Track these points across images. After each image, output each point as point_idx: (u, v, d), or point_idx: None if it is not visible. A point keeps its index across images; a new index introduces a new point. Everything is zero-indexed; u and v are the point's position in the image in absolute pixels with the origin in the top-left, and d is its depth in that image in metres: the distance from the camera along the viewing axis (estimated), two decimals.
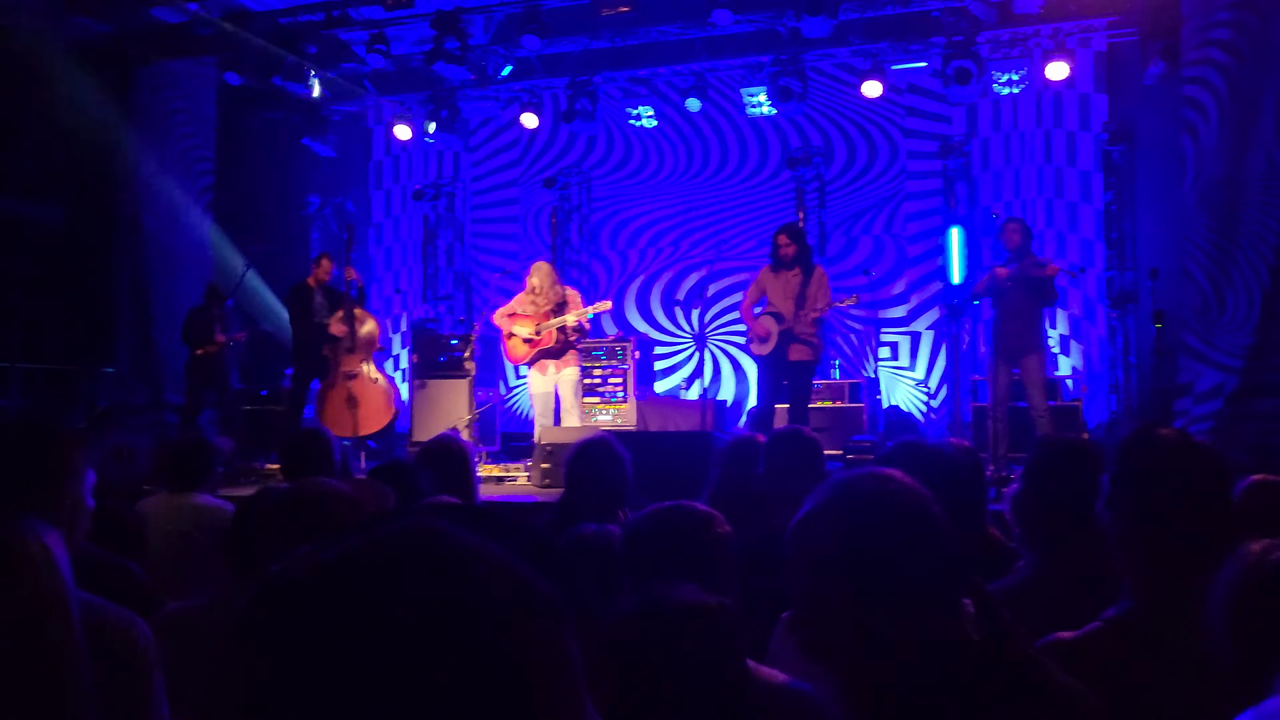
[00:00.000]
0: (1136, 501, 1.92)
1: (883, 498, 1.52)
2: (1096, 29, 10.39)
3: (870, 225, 11.49)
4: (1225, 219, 8.41)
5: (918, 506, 1.53)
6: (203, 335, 9.66)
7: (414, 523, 0.72)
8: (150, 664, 2.07)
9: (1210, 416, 8.32)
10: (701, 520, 2.28)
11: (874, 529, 1.48)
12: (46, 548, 1.47)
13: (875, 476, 1.56)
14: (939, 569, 1.49)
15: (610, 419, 10.19)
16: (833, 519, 1.53)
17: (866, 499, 1.53)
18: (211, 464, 4.55)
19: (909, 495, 1.54)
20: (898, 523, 1.49)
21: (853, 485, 1.56)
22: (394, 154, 13.42)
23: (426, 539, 0.70)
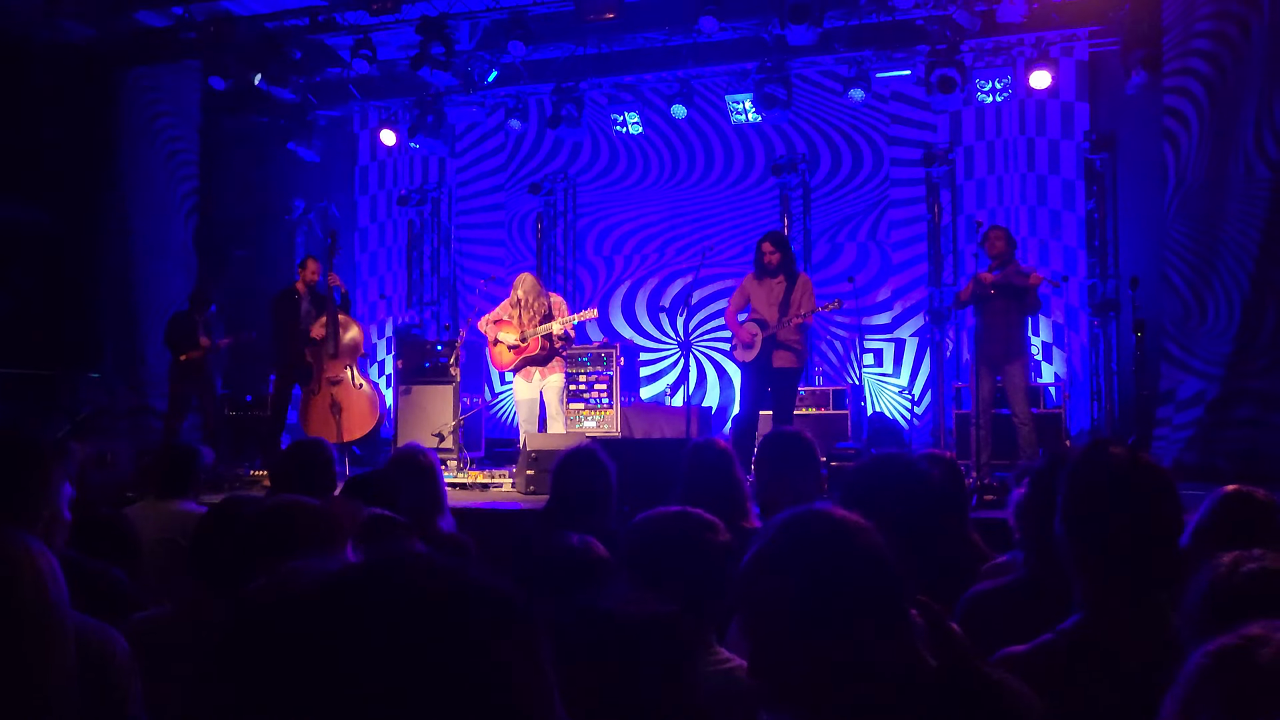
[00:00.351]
0: (1085, 517, 1.96)
1: (813, 535, 1.58)
2: (1079, 38, 10.46)
3: (855, 232, 11.54)
4: (1206, 227, 8.49)
5: (849, 537, 1.58)
6: (187, 340, 9.62)
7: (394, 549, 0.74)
8: (128, 676, 2.07)
9: (1192, 424, 8.40)
10: (705, 528, 2.32)
11: (816, 568, 1.54)
12: (48, 560, 1.48)
13: (805, 517, 1.61)
14: (883, 599, 1.54)
15: (595, 425, 10.22)
16: (775, 563, 1.58)
17: (797, 540, 1.58)
18: (197, 471, 4.55)
19: (840, 528, 1.59)
20: (831, 557, 1.55)
21: (792, 527, 1.61)
22: (379, 159, 13.41)
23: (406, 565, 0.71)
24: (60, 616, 1.48)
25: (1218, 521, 2.49)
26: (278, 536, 2.13)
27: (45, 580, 1.46)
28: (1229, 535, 2.20)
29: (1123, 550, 1.86)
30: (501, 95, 12.24)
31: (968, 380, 10.00)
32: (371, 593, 0.70)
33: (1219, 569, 1.57)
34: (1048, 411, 9.09)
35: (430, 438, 9.51)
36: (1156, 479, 1.97)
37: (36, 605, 1.44)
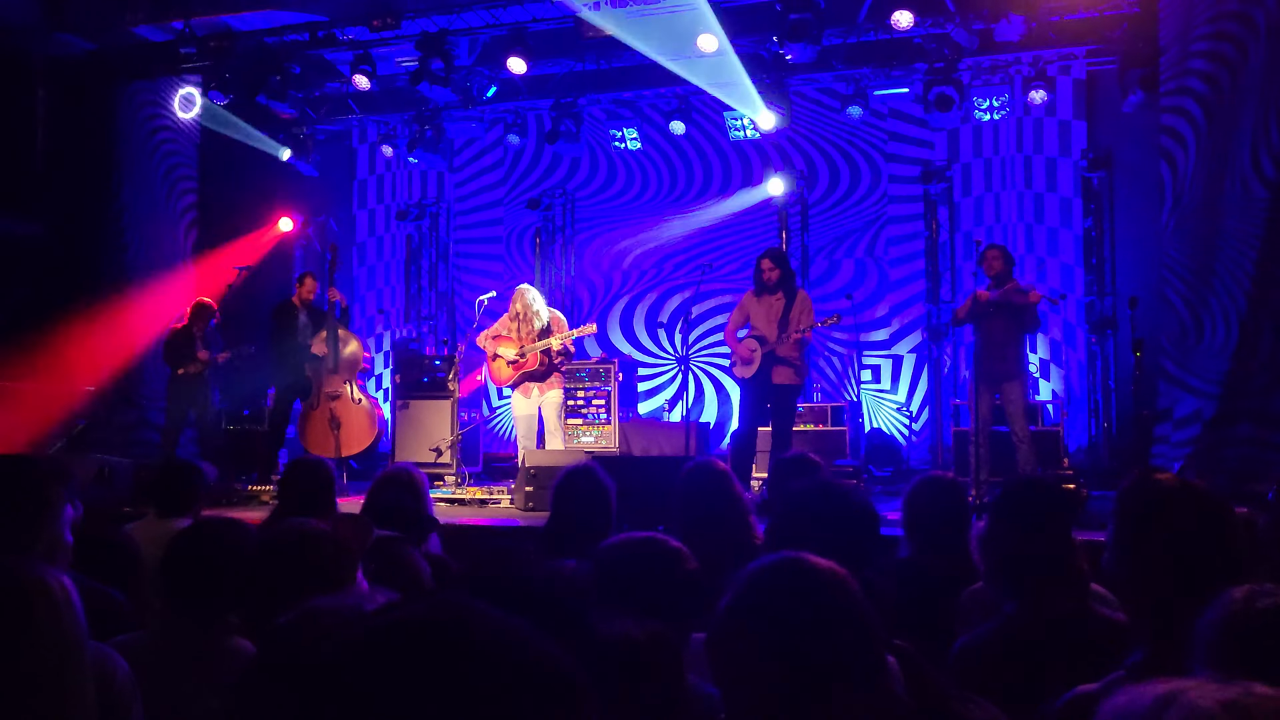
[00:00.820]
0: (1138, 549, 1.93)
1: (786, 587, 1.56)
2: (1077, 57, 10.51)
3: (853, 249, 11.57)
4: (1203, 246, 8.50)
5: (823, 587, 1.56)
6: (184, 354, 9.61)
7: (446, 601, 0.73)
8: (128, 701, 2.07)
9: (1189, 442, 8.40)
10: (671, 556, 2.30)
11: (791, 621, 1.52)
12: (66, 590, 1.49)
13: (777, 567, 1.59)
14: (854, 644, 1.53)
15: (593, 441, 10.21)
16: (749, 616, 1.56)
17: (770, 592, 1.56)
18: (198, 488, 4.54)
19: (813, 578, 1.57)
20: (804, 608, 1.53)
21: (756, 581, 1.58)
22: (378, 173, 13.43)
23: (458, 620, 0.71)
24: (80, 648, 1.48)
25: None
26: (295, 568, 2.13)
27: (63, 612, 1.46)
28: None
29: (1185, 583, 1.82)
30: (500, 110, 12.27)
31: (965, 397, 10.02)
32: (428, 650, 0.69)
33: (1233, 604, 1.55)
34: (1046, 429, 9.09)
35: (428, 452, 9.51)
36: (1210, 504, 1.94)
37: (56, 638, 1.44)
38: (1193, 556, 1.87)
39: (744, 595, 1.58)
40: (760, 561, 1.62)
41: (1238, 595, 1.55)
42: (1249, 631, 1.52)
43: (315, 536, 2.21)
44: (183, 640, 2.49)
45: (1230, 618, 1.54)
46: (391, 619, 0.72)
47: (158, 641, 2.45)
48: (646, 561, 2.26)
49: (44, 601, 1.44)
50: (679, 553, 2.30)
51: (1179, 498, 1.95)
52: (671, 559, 2.27)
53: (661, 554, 2.29)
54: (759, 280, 7.82)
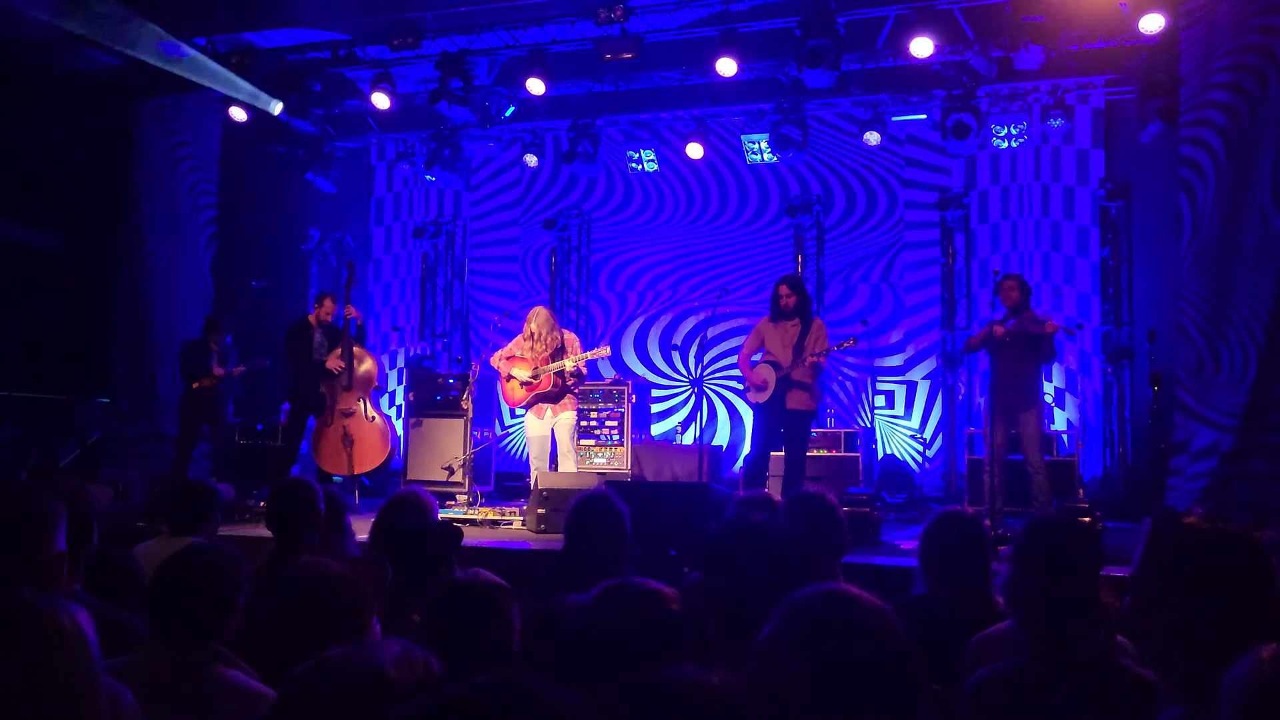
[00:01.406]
0: (1166, 599, 1.85)
1: (834, 618, 1.54)
2: (1095, 86, 10.51)
3: (868, 274, 11.56)
4: (1221, 278, 8.46)
5: (871, 622, 1.54)
6: (199, 368, 9.64)
7: (506, 679, 0.73)
8: None
9: (1205, 474, 8.34)
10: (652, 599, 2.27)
11: (828, 651, 1.50)
12: (78, 624, 1.48)
13: (827, 597, 1.57)
14: (896, 682, 1.50)
15: (605, 462, 10.20)
16: (786, 646, 1.54)
17: (818, 622, 1.54)
18: (213, 508, 4.54)
19: (862, 612, 1.55)
20: (851, 642, 1.51)
21: (804, 609, 1.56)
22: (395, 190, 13.49)
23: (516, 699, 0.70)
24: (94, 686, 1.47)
25: None
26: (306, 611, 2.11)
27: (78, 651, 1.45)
28: None
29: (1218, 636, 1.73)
30: (518, 130, 12.33)
31: (980, 425, 9.98)
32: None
33: (1260, 665, 1.49)
34: (1061, 459, 9.05)
35: (440, 471, 9.50)
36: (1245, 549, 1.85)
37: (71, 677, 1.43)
38: (1225, 608, 1.79)
39: (790, 621, 1.56)
40: (805, 591, 1.60)
41: (1265, 656, 1.50)
42: (1269, 692, 1.47)
43: (337, 582, 2.19)
44: (168, 667, 2.47)
45: (1257, 679, 1.48)
46: (453, 697, 0.72)
47: (144, 667, 2.43)
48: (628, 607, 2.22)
49: (59, 640, 1.44)
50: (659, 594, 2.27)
51: (1210, 543, 1.86)
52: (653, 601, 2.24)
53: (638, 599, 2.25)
54: (775, 306, 7.81)
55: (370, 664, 1.37)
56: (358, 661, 1.37)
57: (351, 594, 2.17)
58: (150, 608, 2.62)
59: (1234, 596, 1.80)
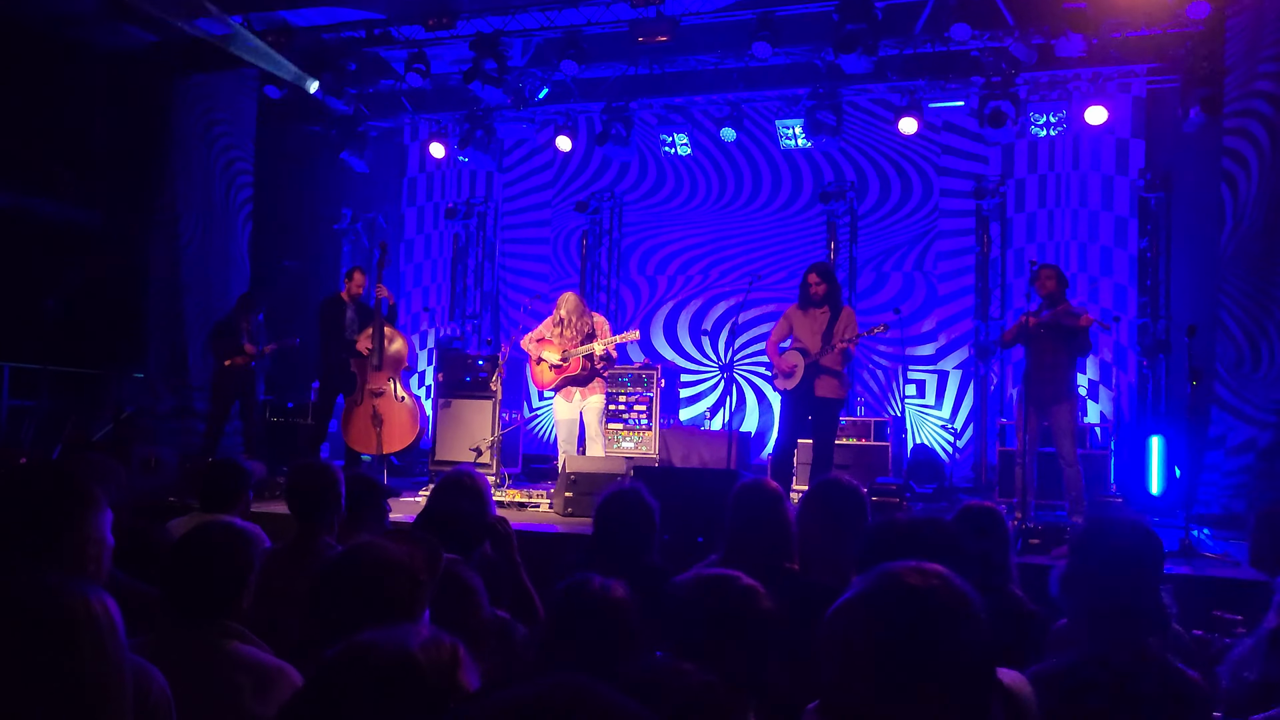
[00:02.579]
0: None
1: (923, 593, 1.52)
2: (1137, 74, 10.34)
3: (901, 262, 11.46)
4: (1262, 272, 8.33)
5: (958, 604, 1.53)
6: (230, 346, 9.71)
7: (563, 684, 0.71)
8: (165, 715, 2.06)
9: (1241, 470, 8.24)
10: (746, 595, 2.26)
11: (910, 623, 1.49)
12: (107, 609, 1.48)
13: (919, 571, 1.56)
14: (970, 670, 1.49)
15: (633, 446, 10.19)
16: (870, 610, 1.53)
17: (906, 592, 1.53)
18: (244, 487, 4.56)
19: (950, 592, 1.54)
20: (935, 619, 1.50)
21: (893, 579, 1.55)
22: (428, 171, 13.49)
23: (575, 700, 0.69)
24: (121, 672, 1.47)
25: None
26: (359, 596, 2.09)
27: (106, 636, 1.45)
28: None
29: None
30: (552, 112, 12.29)
31: (1011, 416, 9.89)
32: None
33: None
34: (1093, 452, 8.95)
35: (468, 452, 9.52)
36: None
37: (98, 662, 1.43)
38: None
39: (867, 590, 1.55)
40: (902, 562, 1.59)
41: None
42: None
43: (394, 567, 2.17)
44: (183, 644, 2.49)
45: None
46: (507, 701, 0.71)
47: (159, 645, 2.44)
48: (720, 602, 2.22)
49: (87, 625, 1.43)
50: (754, 591, 2.26)
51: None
52: (747, 598, 2.24)
53: (734, 593, 2.25)
54: (805, 294, 7.75)
55: (399, 648, 1.37)
56: (387, 646, 1.37)
57: (408, 580, 2.15)
58: (164, 585, 2.64)
59: None
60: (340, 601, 2.10)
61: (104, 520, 2.26)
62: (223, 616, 2.56)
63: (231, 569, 2.62)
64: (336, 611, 2.09)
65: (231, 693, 2.42)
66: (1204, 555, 6.32)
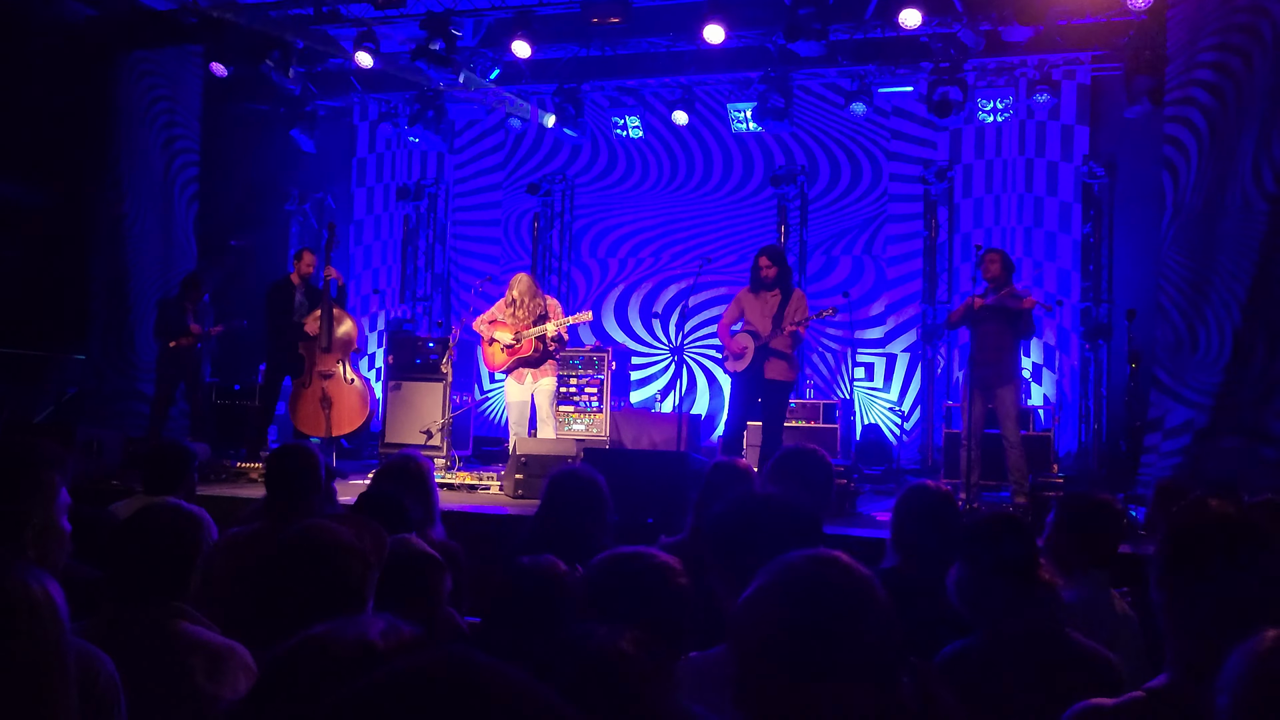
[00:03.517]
0: (1184, 575, 1.92)
1: (823, 580, 1.57)
2: (1082, 62, 10.50)
3: (851, 246, 11.55)
4: (1201, 257, 8.51)
5: (858, 588, 1.58)
6: (176, 327, 9.57)
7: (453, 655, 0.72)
8: (112, 703, 2.04)
9: (1179, 451, 8.42)
10: (661, 572, 2.29)
11: (813, 610, 1.53)
12: (49, 595, 1.46)
13: (817, 560, 1.61)
14: (877, 650, 1.54)
15: (584, 429, 10.20)
16: (773, 602, 1.57)
17: (806, 581, 1.57)
18: (188, 469, 4.51)
19: (849, 577, 1.59)
20: (837, 604, 1.54)
21: (794, 568, 1.60)
22: (377, 152, 13.37)
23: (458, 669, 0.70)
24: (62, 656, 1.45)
25: None
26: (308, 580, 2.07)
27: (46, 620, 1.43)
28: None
29: (1227, 614, 1.81)
30: (503, 93, 12.20)
31: (958, 398, 10.02)
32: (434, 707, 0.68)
33: (1263, 644, 1.52)
34: (1036, 434, 9.10)
35: (418, 434, 9.48)
36: (1261, 535, 1.93)
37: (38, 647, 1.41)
38: (1241, 593, 1.86)
39: (772, 581, 1.59)
40: (800, 552, 1.63)
41: (1269, 636, 1.54)
42: (1272, 673, 1.51)
43: (344, 549, 2.14)
44: (131, 626, 2.46)
45: (1257, 657, 1.52)
46: (396, 672, 0.71)
47: (106, 627, 2.42)
48: (637, 577, 2.25)
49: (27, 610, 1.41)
50: (669, 568, 2.28)
51: (1234, 531, 1.93)
52: (663, 574, 2.26)
53: (652, 569, 2.27)
54: (756, 277, 7.80)
55: (359, 639, 1.34)
56: (347, 637, 1.34)
57: (360, 564, 2.13)
58: (110, 566, 2.61)
59: (1247, 584, 1.87)
60: (290, 584, 2.08)
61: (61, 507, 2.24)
62: (170, 597, 2.55)
63: (178, 549, 2.60)
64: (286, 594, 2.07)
65: (183, 673, 2.40)
66: (1143, 534, 6.46)
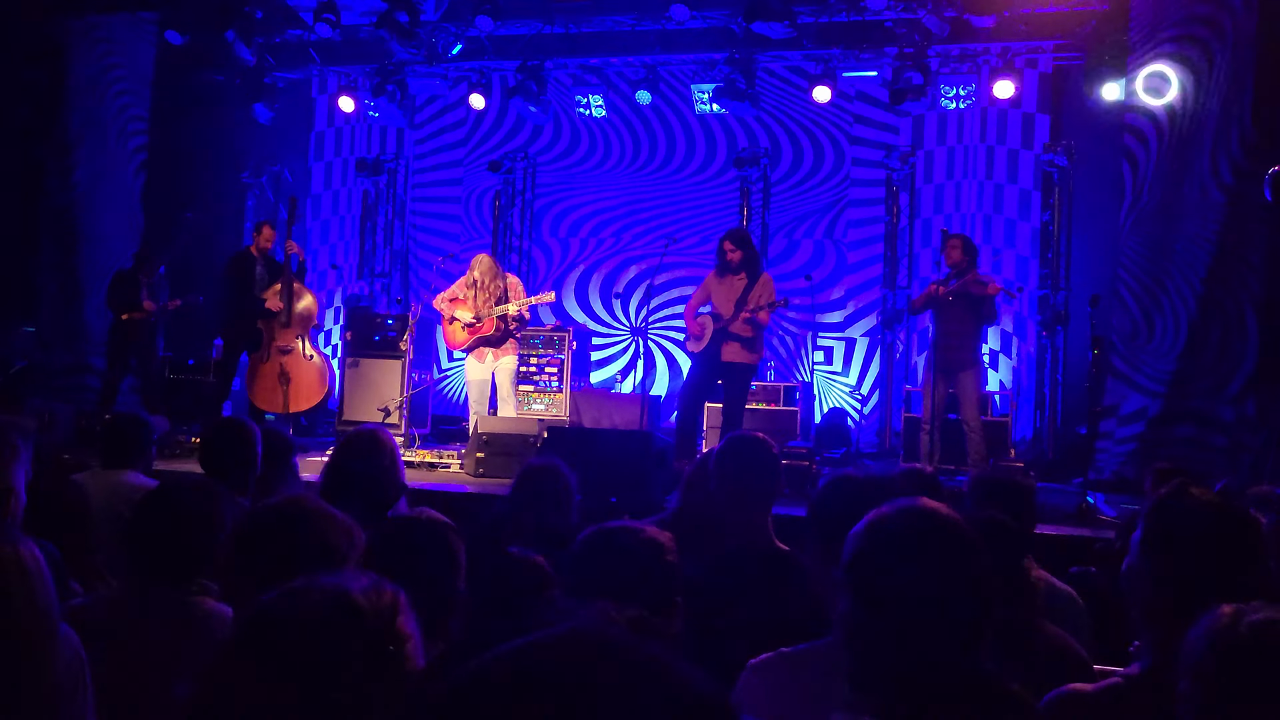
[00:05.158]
0: (1161, 562, 1.94)
1: (954, 535, 1.71)
2: (1044, 50, 10.57)
3: (813, 229, 11.58)
4: (1158, 247, 8.64)
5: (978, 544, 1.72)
6: (128, 300, 9.39)
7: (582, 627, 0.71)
8: (76, 674, 2.00)
9: (1133, 438, 8.57)
10: (650, 546, 2.26)
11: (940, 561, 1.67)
12: (38, 560, 1.42)
13: (937, 514, 1.74)
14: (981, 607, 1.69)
15: (544, 409, 10.15)
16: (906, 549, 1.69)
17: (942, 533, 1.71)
18: (146, 440, 4.42)
19: (970, 534, 1.73)
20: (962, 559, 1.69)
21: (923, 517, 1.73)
22: (336, 125, 13.17)
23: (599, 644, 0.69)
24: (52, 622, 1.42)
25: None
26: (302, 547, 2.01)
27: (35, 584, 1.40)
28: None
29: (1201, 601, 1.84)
30: (465, 69, 12.08)
31: (915, 383, 10.10)
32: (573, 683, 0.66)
33: (1220, 621, 1.55)
34: (993, 419, 9.19)
35: (376, 412, 9.40)
36: (1242, 524, 1.95)
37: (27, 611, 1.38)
38: (1217, 579, 1.87)
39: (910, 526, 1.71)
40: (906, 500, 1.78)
41: (1226, 611, 1.56)
42: (1231, 647, 1.52)
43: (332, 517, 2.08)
44: (154, 604, 2.42)
45: (1215, 633, 1.54)
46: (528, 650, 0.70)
47: (125, 604, 2.37)
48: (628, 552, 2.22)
49: (19, 574, 1.38)
50: (658, 543, 2.26)
51: (1213, 518, 1.95)
52: (651, 548, 2.24)
53: (639, 543, 2.25)
54: (721, 261, 7.81)
55: (338, 589, 1.31)
56: (325, 587, 1.31)
57: (345, 532, 2.08)
58: (131, 547, 2.57)
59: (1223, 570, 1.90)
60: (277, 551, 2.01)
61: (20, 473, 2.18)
62: (192, 577, 2.50)
63: (202, 530, 2.55)
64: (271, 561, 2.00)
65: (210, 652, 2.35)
66: (1101, 519, 6.56)
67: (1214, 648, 1.53)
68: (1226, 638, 1.53)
